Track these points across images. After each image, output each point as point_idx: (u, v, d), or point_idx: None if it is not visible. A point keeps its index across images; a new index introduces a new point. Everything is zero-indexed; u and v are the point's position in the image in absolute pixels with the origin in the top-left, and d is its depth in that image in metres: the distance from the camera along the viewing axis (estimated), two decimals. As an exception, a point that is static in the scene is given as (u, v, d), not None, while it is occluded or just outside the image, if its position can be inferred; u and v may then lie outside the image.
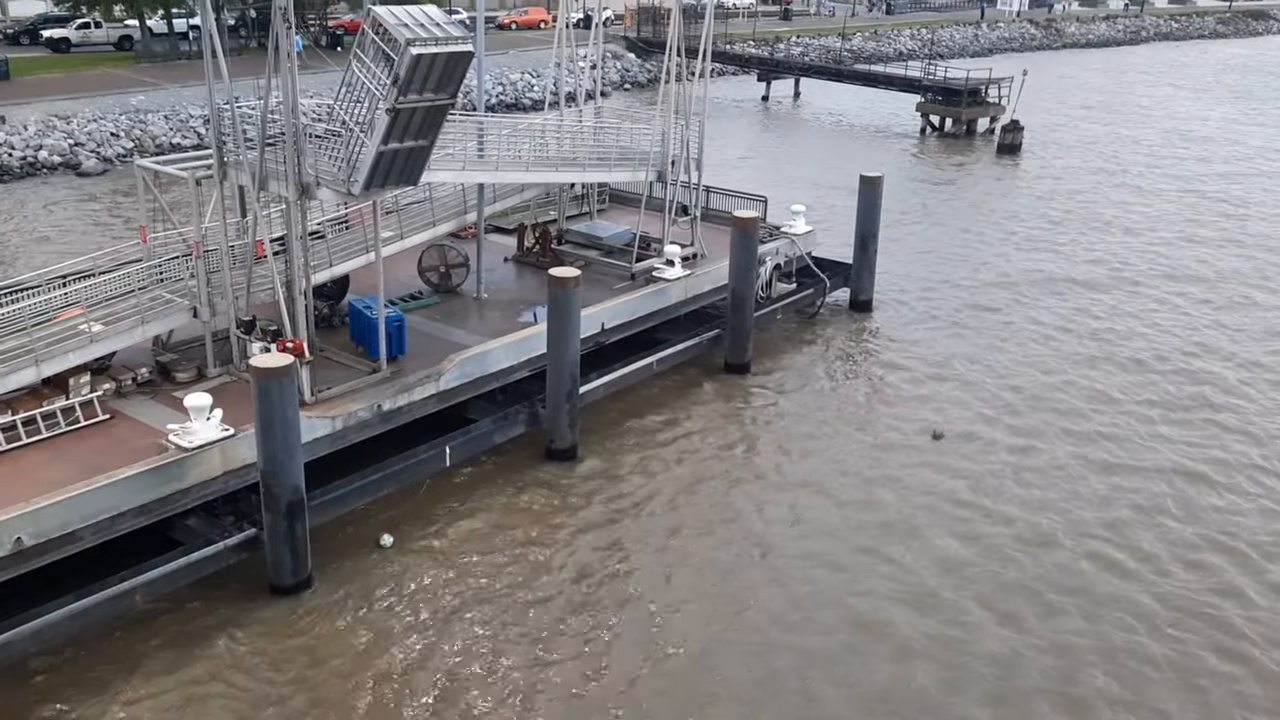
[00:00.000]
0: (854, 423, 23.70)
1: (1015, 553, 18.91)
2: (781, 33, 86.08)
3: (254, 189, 19.09)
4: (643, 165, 27.25)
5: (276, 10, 17.30)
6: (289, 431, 16.36)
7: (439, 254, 25.70)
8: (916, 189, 45.78)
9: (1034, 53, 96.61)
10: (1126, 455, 22.55)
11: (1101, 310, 31.21)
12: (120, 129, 45.06)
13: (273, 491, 16.56)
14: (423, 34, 16.56)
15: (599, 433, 22.67)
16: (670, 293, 26.28)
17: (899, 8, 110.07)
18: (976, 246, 37.18)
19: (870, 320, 29.89)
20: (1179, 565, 18.76)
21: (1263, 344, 28.95)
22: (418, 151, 18.25)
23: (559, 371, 21.22)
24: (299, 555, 17.07)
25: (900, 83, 59.99)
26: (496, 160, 23.52)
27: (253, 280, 20.44)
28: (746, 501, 20.43)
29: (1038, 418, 24.15)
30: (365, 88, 17.28)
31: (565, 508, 20.03)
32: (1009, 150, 52.32)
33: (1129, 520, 20.10)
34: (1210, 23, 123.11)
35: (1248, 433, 23.78)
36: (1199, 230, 40.15)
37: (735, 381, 25.63)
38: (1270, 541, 19.51)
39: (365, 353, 21.45)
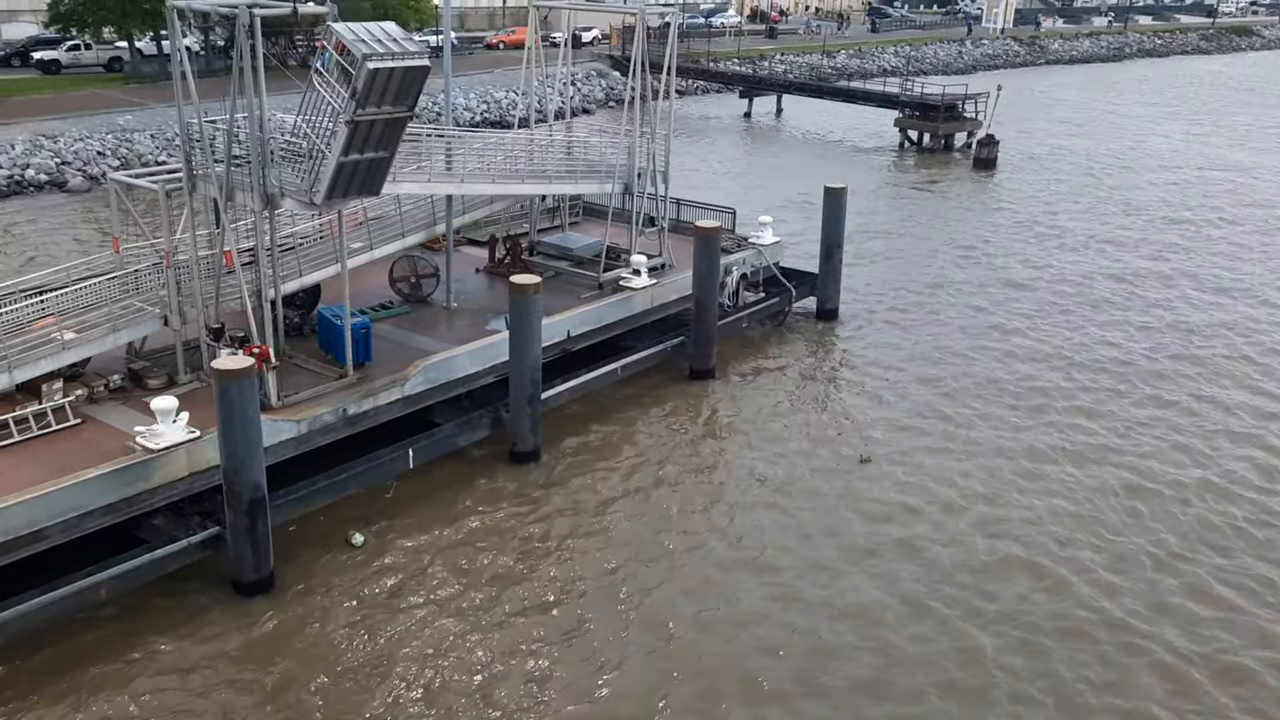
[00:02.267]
0: (806, 429, 24.21)
1: (961, 576, 19.38)
2: (766, 51, 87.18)
3: (222, 201, 19.73)
4: (609, 178, 27.97)
5: (240, 28, 18.01)
6: (250, 430, 16.94)
7: (410, 265, 26.35)
8: (892, 201, 46.58)
9: (1018, 69, 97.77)
10: (1080, 474, 23.04)
11: (1061, 323, 31.82)
12: (107, 147, 45.79)
13: (234, 489, 17.13)
14: (379, 49, 17.25)
15: (562, 436, 23.26)
16: (636, 301, 26.92)
17: (883, 26, 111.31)
18: (946, 257, 37.88)
19: (835, 328, 30.55)
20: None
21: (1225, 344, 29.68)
22: (378, 163, 18.92)
23: (521, 376, 21.84)
24: (261, 553, 17.62)
25: (879, 98, 60.91)
26: (463, 173, 24.17)
27: (223, 289, 21.06)
28: (700, 504, 20.96)
29: (987, 426, 24.75)
30: (326, 102, 17.95)
31: (527, 509, 20.59)
32: (984, 164, 53.14)
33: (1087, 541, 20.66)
34: (1193, 39, 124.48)
35: (1203, 454, 24.39)
36: (1161, 238, 40.94)
37: (699, 387, 26.25)
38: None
39: (333, 360, 22.05)
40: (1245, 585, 18.66)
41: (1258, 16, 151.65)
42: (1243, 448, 23.78)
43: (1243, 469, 22.81)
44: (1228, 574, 18.99)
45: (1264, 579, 18.86)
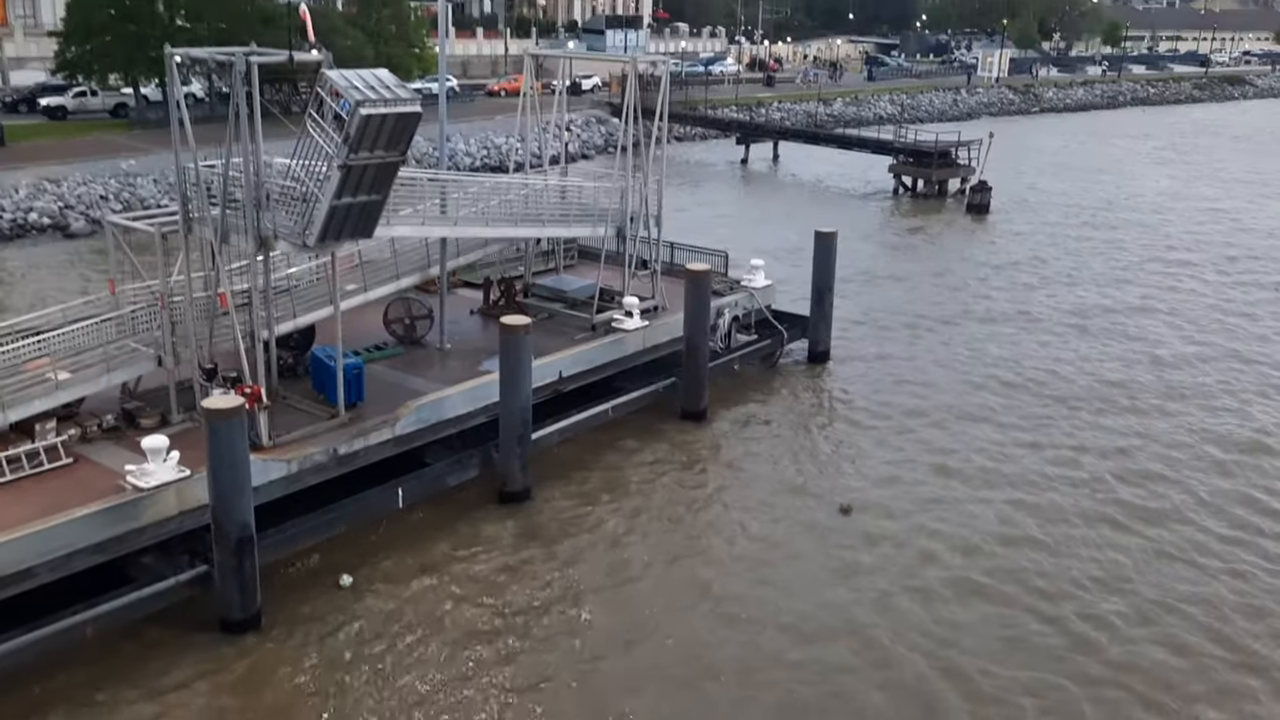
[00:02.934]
0: (791, 477, 24.13)
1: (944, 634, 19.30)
2: (764, 98, 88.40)
3: (217, 243, 20.04)
4: (603, 221, 28.33)
5: (237, 75, 18.42)
6: (239, 469, 17.09)
7: (404, 306, 26.62)
8: (887, 246, 47.03)
9: (1013, 117, 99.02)
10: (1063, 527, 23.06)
11: (1054, 369, 31.94)
12: (110, 191, 46.37)
13: (223, 528, 17.23)
14: (372, 95, 17.64)
15: (553, 477, 23.36)
16: (628, 343, 27.15)
17: (880, 74, 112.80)
18: (939, 300, 38.15)
19: (827, 371, 30.74)
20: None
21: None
22: (371, 206, 19.25)
23: (511, 416, 22.00)
24: (248, 591, 17.68)
25: (873, 145, 61.67)
26: (456, 215, 24.52)
27: (216, 330, 21.30)
28: (689, 545, 21.01)
29: (972, 474, 24.82)
30: (320, 146, 18.30)
31: (514, 551, 20.64)
32: (978, 209, 53.67)
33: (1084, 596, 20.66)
34: (1187, 88, 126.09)
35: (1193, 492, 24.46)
36: (1149, 280, 41.27)
37: (689, 429, 26.38)
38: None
39: (326, 400, 22.23)
40: (1235, 627, 18.66)
41: (1250, 66, 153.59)
42: (1233, 483, 23.84)
43: (1235, 506, 22.84)
44: (1214, 626, 18.96)
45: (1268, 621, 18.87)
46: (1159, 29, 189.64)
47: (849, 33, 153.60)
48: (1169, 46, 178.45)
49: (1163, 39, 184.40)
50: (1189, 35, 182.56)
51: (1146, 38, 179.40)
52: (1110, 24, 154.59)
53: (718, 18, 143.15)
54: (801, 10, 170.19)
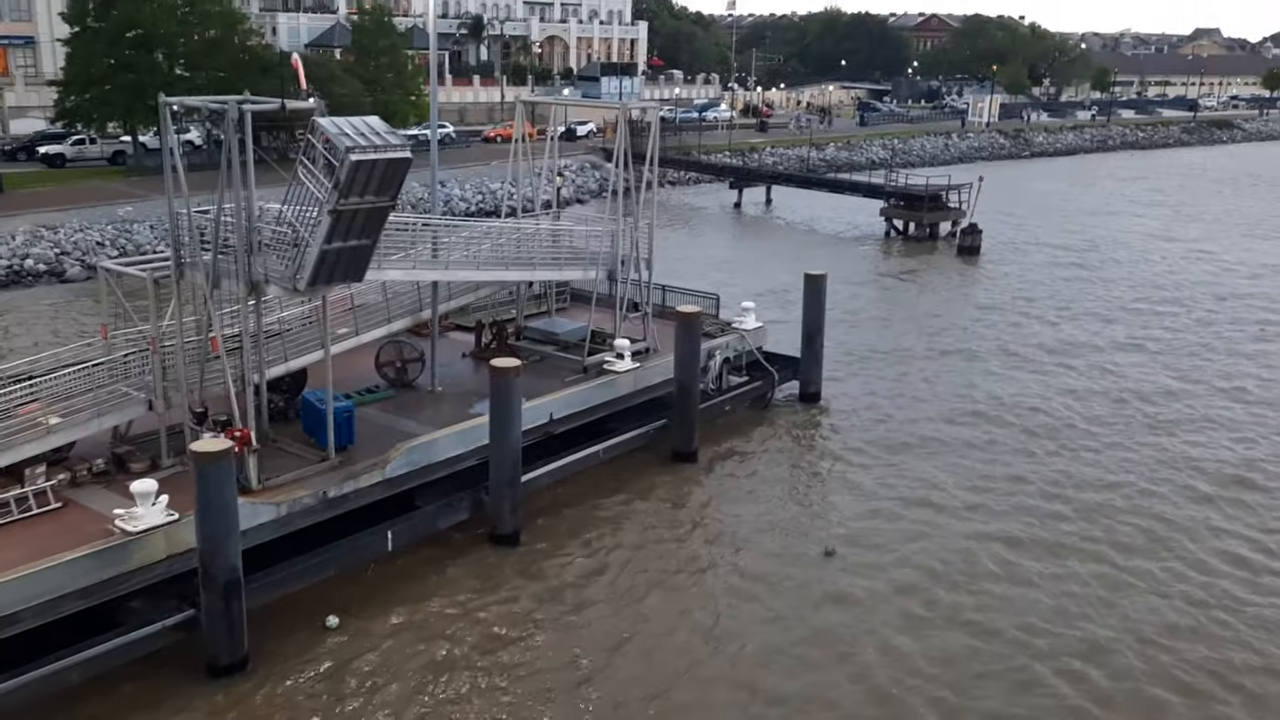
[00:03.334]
0: (779, 519, 24.14)
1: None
2: (757, 143, 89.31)
3: (208, 288, 20.22)
4: (593, 265, 28.58)
5: (229, 123, 18.72)
6: (227, 513, 17.12)
7: (395, 350, 26.75)
8: (879, 288, 47.35)
9: (1003, 161, 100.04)
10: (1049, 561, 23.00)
11: (1042, 408, 32.08)
12: (106, 238, 46.70)
13: (210, 572, 17.22)
14: (362, 142, 17.91)
15: (544, 518, 23.37)
16: (619, 384, 27.27)
17: (872, 120, 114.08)
18: (930, 341, 38.35)
19: (818, 411, 30.84)
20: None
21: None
22: (361, 250, 19.45)
23: (501, 458, 22.06)
24: (236, 635, 17.63)
25: (865, 189, 62.29)
26: (447, 259, 24.74)
27: (208, 374, 21.41)
28: (677, 590, 20.95)
29: (959, 514, 24.85)
30: (311, 192, 18.54)
31: (504, 594, 20.60)
32: (969, 252, 54.10)
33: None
34: (1175, 132, 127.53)
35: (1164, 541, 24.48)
36: (1136, 321, 41.54)
37: (680, 470, 26.43)
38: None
39: (317, 443, 22.27)
40: (1218, 674, 18.61)
41: (1238, 110, 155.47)
42: (1221, 539, 23.81)
43: (1219, 560, 22.72)
44: (1206, 664, 18.91)
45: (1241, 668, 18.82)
46: (1148, 75, 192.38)
47: (842, 79, 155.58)
48: (1158, 92, 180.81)
49: (1151, 84, 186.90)
50: (1177, 80, 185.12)
51: (1135, 83, 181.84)
52: (1099, 70, 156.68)
53: (712, 65, 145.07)
54: (795, 58, 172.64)
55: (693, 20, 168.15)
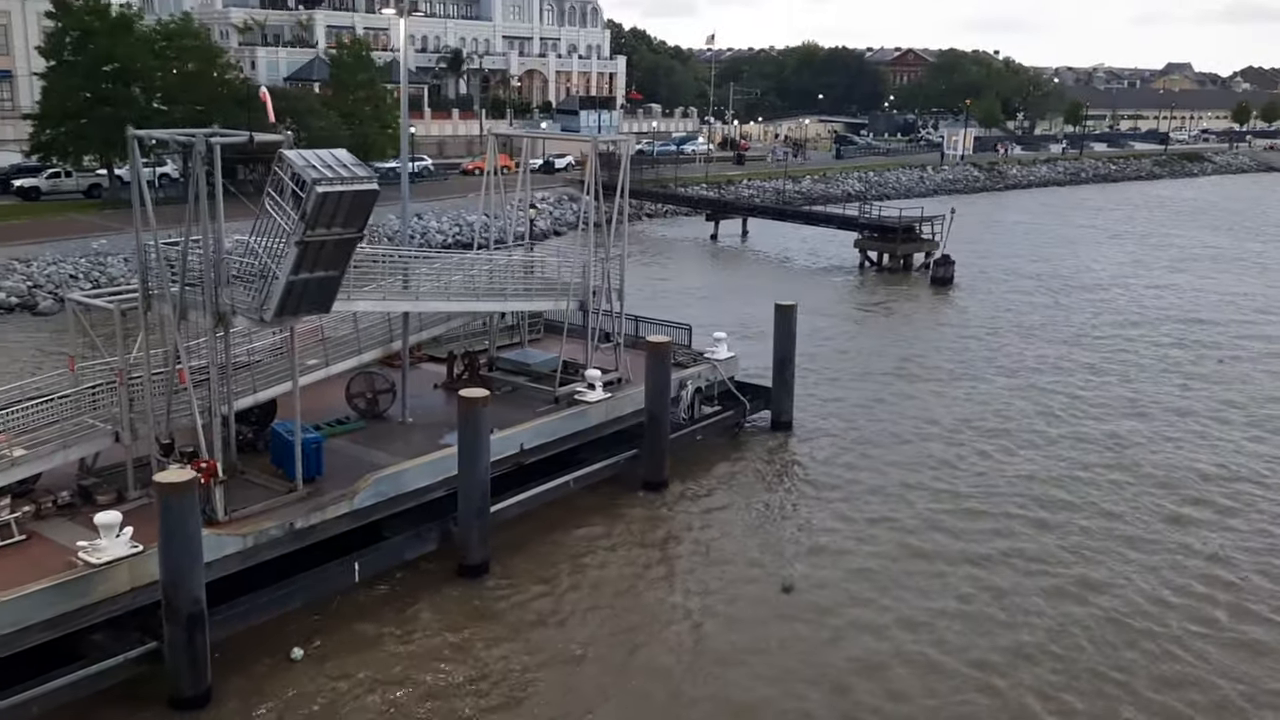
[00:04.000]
0: (743, 550, 24.11)
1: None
2: (734, 176, 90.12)
3: (175, 319, 20.27)
4: (565, 296, 28.78)
5: (197, 155, 18.86)
6: (190, 544, 17.08)
7: (367, 381, 26.79)
8: (853, 319, 47.76)
9: (978, 193, 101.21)
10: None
11: (1010, 438, 32.34)
12: (80, 270, 46.62)
13: (173, 604, 17.14)
14: (329, 174, 18.08)
15: (513, 549, 23.36)
16: (591, 414, 27.37)
17: (848, 153, 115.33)
18: (902, 371, 38.67)
19: (789, 440, 31.01)
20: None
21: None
22: (328, 281, 19.56)
23: (470, 488, 22.09)
24: (199, 668, 17.53)
25: (839, 221, 62.92)
26: (417, 290, 24.87)
27: (176, 405, 21.38)
28: (644, 621, 20.92)
29: (923, 550, 24.91)
30: (278, 223, 18.67)
31: (474, 623, 20.57)
32: (942, 282, 54.66)
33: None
34: (1147, 165, 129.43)
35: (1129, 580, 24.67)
36: (1103, 351, 42.03)
37: (651, 500, 26.51)
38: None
39: (285, 475, 22.24)
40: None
41: (1208, 143, 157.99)
42: (1180, 574, 23.96)
43: (1183, 594, 22.77)
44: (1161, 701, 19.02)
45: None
46: (1121, 109, 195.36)
47: (820, 112, 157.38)
48: (1130, 125, 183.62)
49: (1123, 118, 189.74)
50: (1150, 114, 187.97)
51: (1107, 116, 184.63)
52: (1072, 104, 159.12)
53: (690, 98, 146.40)
54: (773, 92, 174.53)
55: (671, 55, 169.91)
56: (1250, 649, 20.28)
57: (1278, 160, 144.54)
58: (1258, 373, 39.77)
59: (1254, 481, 28.72)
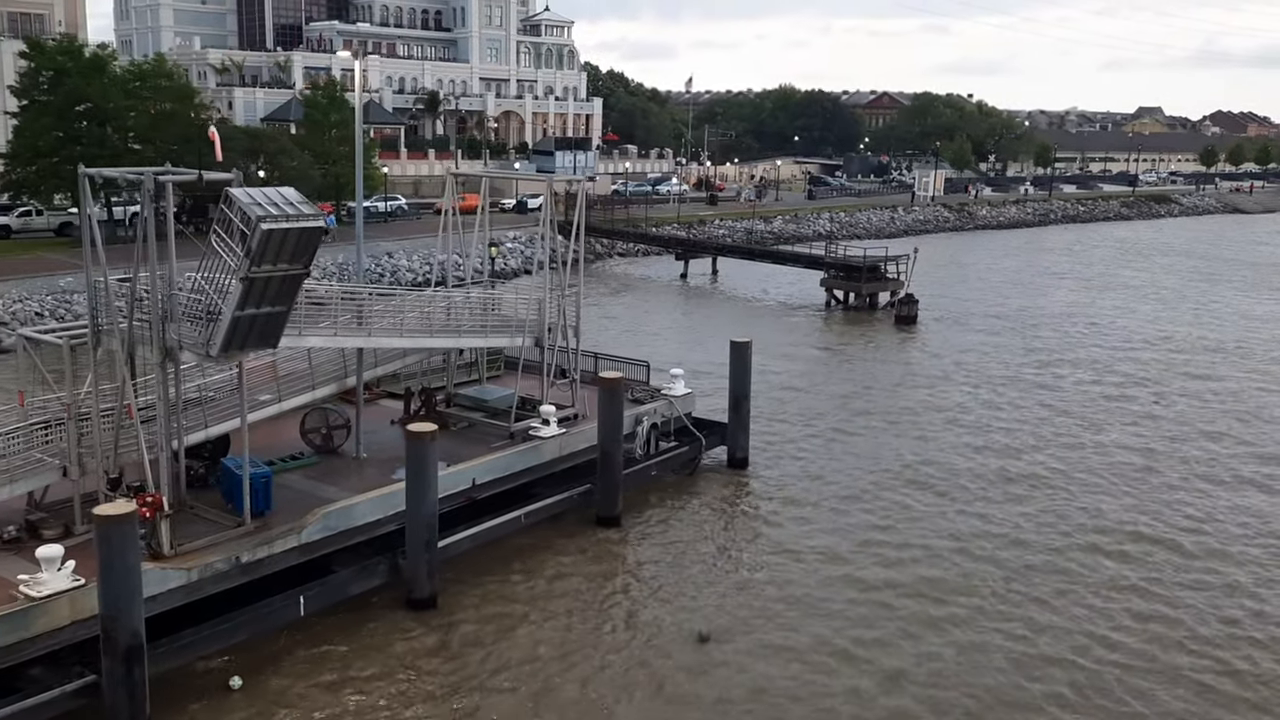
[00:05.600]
0: (702, 578, 24.43)
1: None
2: (706, 216, 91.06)
3: (123, 354, 20.51)
4: (520, 332, 29.15)
5: (145, 193, 19.22)
6: (129, 577, 17.21)
7: (321, 416, 26.99)
8: (815, 358, 48.22)
9: (948, 234, 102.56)
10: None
11: (967, 476, 32.76)
12: (46, 308, 46.70)
13: (112, 636, 17.23)
14: (274, 212, 18.45)
15: (463, 583, 23.52)
16: (544, 450, 27.64)
17: (820, 193, 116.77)
18: (861, 408, 39.06)
19: (745, 476, 31.32)
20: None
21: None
22: (275, 317, 19.87)
23: (417, 522, 22.27)
24: (137, 701, 17.58)
25: (806, 260, 63.67)
26: (369, 326, 25.18)
27: (124, 440, 21.54)
28: (590, 654, 21.05)
29: (866, 596, 24.93)
30: (224, 260, 19.01)
31: (418, 656, 20.69)
32: (905, 321, 55.34)
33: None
34: (1115, 206, 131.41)
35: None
36: (1063, 388, 42.66)
37: (603, 534, 26.72)
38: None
39: (235, 509, 22.38)
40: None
41: (1176, 186, 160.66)
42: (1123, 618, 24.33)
43: (1115, 629, 22.97)
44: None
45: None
46: (1092, 151, 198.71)
47: (796, 154, 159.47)
48: (1101, 167, 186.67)
49: (1093, 160, 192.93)
50: (1120, 157, 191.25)
51: (1077, 159, 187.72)
52: (1041, 146, 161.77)
53: (667, 140, 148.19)
54: (750, 134, 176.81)
55: (648, 97, 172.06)
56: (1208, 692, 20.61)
57: (1243, 202, 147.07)
58: (1201, 410, 40.45)
59: (1201, 522, 29.20)
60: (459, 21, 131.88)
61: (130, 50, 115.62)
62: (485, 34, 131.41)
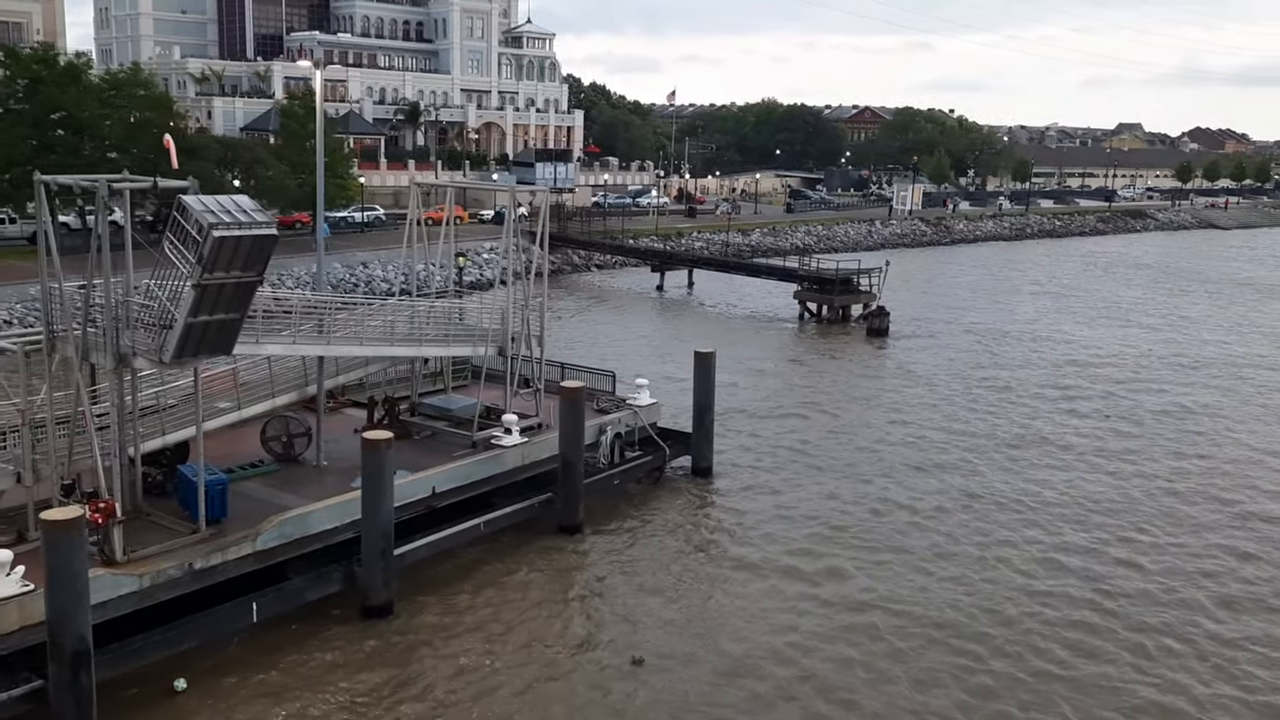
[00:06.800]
0: (657, 589, 24.45)
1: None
2: (684, 228, 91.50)
3: (78, 360, 20.56)
4: (483, 341, 29.31)
5: (100, 199, 19.31)
6: (77, 582, 17.23)
7: (282, 424, 27.04)
8: (785, 370, 48.55)
9: (925, 248, 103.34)
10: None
11: (932, 491, 32.99)
12: (15, 316, 46.60)
13: (58, 641, 17.25)
14: (226, 219, 18.58)
15: (420, 591, 23.59)
16: (506, 459, 27.75)
17: (799, 207, 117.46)
18: (827, 418, 39.35)
19: (708, 486, 31.52)
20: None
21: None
22: (229, 324, 19.96)
23: (373, 530, 22.35)
24: (83, 706, 17.58)
25: (780, 273, 64.10)
26: (329, 334, 25.28)
27: (79, 447, 21.56)
28: (542, 666, 21.06)
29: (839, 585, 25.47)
30: (177, 267, 19.11)
31: (370, 662, 20.75)
32: (877, 333, 55.76)
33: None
34: (1091, 221, 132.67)
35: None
36: (1029, 401, 43.06)
37: (564, 543, 26.83)
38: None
39: (191, 516, 22.41)
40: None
41: (1152, 201, 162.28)
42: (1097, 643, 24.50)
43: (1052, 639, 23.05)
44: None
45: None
46: (1071, 166, 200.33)
47: (778, 168, 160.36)
48: (1081, 182, 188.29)
49: (1071, 175, 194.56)
50: (1099, 172, 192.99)
51: (1055, 174, 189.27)
52: (1019, 161, 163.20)
53: (649, 153, 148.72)
54: (733, 147, 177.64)
55: (631, 109, 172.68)
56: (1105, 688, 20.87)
57: (1218, 217, 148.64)
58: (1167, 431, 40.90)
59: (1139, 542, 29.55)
60: (440, 33, 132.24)
61: (110, 59, 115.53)
62: (467, 45, 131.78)
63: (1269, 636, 23.11)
